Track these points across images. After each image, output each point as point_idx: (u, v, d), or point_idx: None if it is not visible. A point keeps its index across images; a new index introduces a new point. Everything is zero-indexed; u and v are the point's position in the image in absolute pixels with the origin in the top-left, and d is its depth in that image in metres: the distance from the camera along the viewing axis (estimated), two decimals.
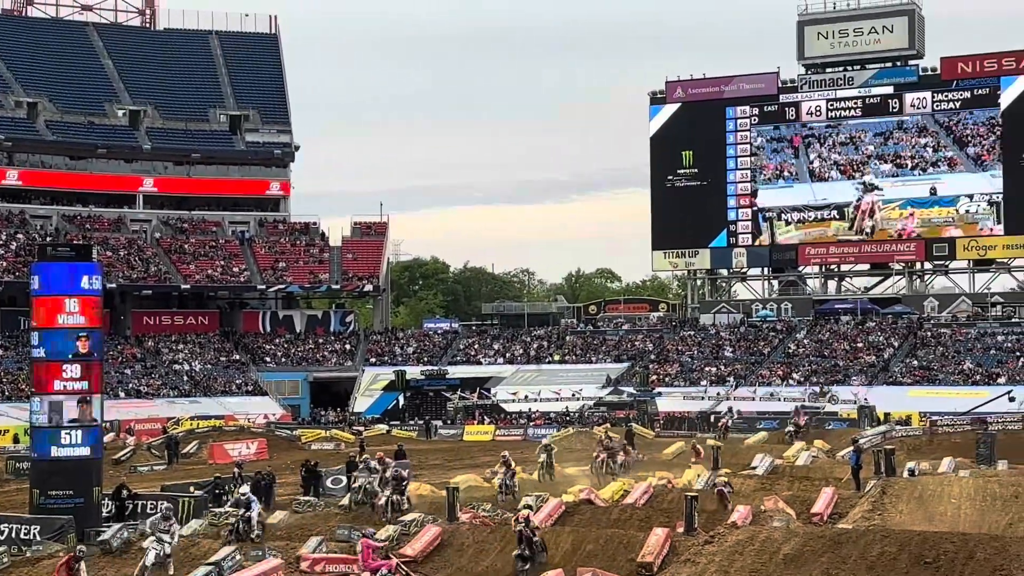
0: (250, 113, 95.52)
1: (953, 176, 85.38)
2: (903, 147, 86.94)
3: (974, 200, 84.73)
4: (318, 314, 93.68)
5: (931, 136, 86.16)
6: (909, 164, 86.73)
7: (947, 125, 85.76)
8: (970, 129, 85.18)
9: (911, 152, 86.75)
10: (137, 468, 50.33)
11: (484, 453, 54.82)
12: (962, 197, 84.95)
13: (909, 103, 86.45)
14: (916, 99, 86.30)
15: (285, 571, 25.19)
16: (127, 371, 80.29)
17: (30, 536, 29.28)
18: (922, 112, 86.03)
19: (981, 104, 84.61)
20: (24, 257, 79.41)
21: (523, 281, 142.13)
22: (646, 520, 29.26)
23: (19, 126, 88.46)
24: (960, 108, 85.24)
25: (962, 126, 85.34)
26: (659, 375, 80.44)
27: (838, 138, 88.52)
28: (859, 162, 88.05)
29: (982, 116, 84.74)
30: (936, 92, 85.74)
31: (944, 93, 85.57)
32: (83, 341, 30.49)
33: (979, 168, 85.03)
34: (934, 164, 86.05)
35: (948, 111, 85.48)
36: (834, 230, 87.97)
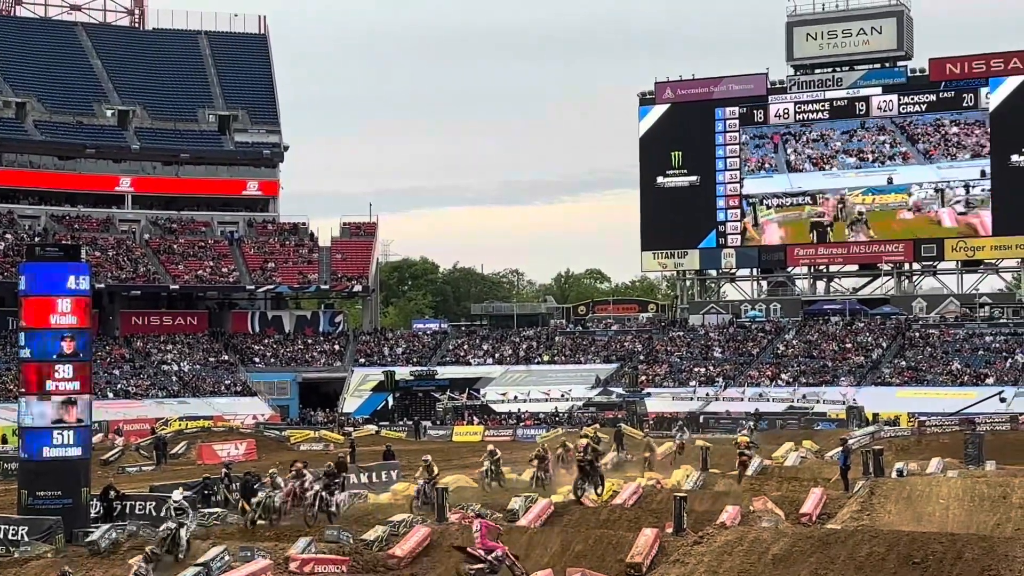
0: (239, 113, 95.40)
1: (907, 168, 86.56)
2: (867, 144, 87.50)
3: (923, 188, 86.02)
4: (307, 314, 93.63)
5: (892, 134, 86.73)
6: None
7: (905, 126, 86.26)
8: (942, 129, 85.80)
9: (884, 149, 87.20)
10: (126, 469, 50.22)
11: (473, 454, 54.70)
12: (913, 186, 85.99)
13: (897, 103, 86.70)
14: (900, 100, 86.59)
15: (274, 571, 25.12)
16: (116, 371, 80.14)
17: (18, 537, 29.15)
18: (890, 115, 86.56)
19: (967, 106, 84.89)
20: (12, 257, 79.19)
21: (512, 282, 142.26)
22: (635, 520, 29.27)
23: (7, 126, 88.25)
24: (944, 109, 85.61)
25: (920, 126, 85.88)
26: (648, 376, 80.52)
27: (815, 135, 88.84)
28: (828, 156, 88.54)
29: (971, 117, 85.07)
30: (923, 93, 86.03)
31: (932, 94, 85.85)
32: (70, 342, 30.41)
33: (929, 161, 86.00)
34: (891, 158, 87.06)
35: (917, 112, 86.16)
36: (807, 214, 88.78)
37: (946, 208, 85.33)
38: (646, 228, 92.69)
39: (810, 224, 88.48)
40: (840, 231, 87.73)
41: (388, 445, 51.48)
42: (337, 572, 25.15)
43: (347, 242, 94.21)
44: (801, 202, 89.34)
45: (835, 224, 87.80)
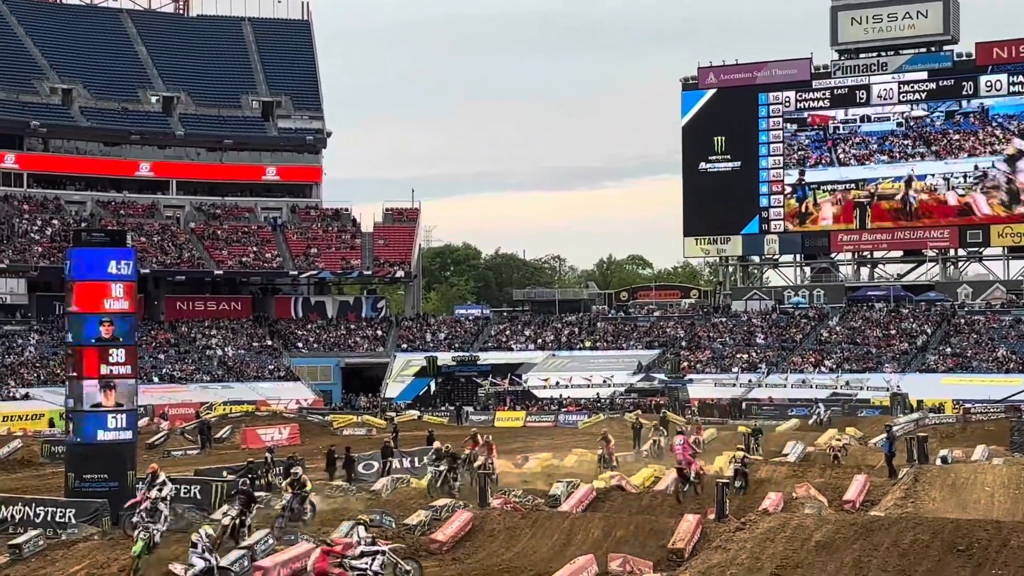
0: (282, 99, 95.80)
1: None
2: (912, 129, 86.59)
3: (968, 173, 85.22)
4: (350, 300, 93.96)
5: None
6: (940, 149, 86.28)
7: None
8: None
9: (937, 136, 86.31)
10: (171, 452, 50.64)
11: (515, 439, 54.92)
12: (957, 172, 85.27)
13: (940, 88, 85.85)
14: (946, 84, 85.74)
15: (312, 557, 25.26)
16: (161, 356, 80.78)
17: (65, 519, 29.53)
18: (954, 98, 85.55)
19: (1014, 91, 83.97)
20: (59, 243, 79.94)
21: (554, 267, 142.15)
22: (677, 507, 29.26)
23: (54, 112, 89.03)
24: (990, 93, 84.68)
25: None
26: (690, 362, 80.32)
27: (859, 120, 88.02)
28: (872, 141, 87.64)
29: (1019, 102, 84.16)
30: (970, 78, 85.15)
31: (978, 79, 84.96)
32: (108, 326, 30.61)
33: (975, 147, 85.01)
34: (935, 143, 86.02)
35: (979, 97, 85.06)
36: (854, 198, 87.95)
37: (992, 194, 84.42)
38: (688, 214, 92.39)
39: (856, 206, 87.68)
40: (885, 216, 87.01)
41: (430, 430, 51.61)
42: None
43: (389, 228, 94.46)
44: (849, 188, 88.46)
45: (881, 208, 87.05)
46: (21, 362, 74.81)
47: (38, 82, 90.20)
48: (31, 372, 73.49)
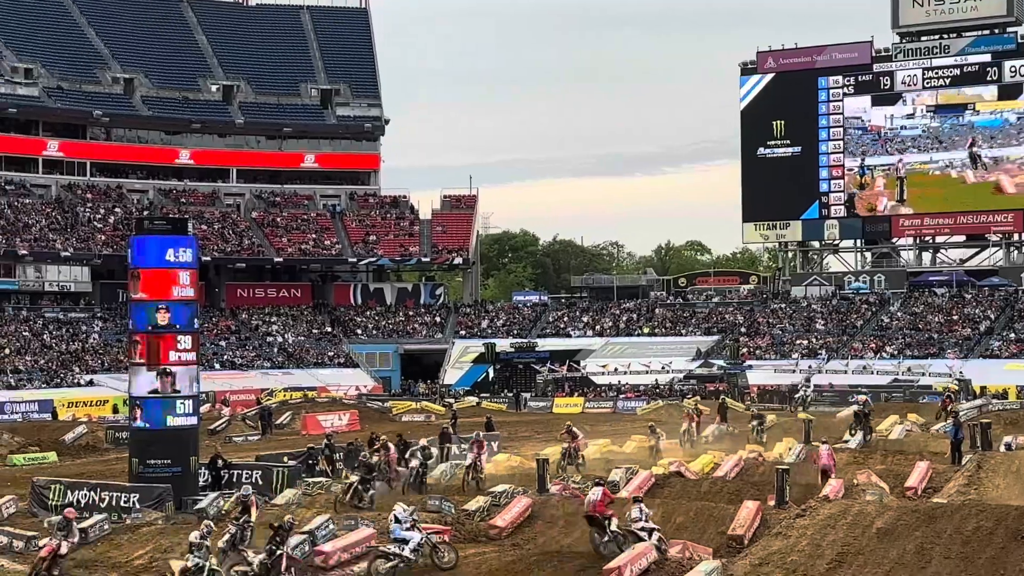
0: (341, 87, 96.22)
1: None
2: (977, 112, 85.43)
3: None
4: (408, 287, 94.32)
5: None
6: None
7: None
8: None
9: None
10: (232, 438, 51.14)
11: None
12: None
13: (1007, 71, 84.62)
14: (1014, 67, 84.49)
15: (377, 540, 25.44)
16: (222, 343, 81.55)
17: (130, 504, 29.93)
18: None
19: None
20: (122, 231, 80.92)
21: (612, 254, 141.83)
22: (736, 493, 29.15)
23: (116, 102, 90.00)
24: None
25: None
26: (749, 348, 79.89)
27: (922, 101, 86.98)
28: (936, 124, 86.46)
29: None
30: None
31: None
32: (164, 312, 30.93)
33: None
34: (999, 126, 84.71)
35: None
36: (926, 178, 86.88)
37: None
38: (747, 199, 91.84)
39: (917, 189, 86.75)
40: (947, 200, 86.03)
41: (489, 416, 51.77)
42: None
43: (447, 215, 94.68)
44: (910, 171, 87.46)
45: (943, 192, 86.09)
46: (85, 349, 75.79)
47: (100, 72, 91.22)
48: (95, 359, 74.45)
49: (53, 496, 31.13)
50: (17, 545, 26.71)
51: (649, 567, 21.95)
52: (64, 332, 77.66)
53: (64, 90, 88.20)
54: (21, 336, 75.28)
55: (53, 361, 73.05)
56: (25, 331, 76.19)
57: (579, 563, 22.75)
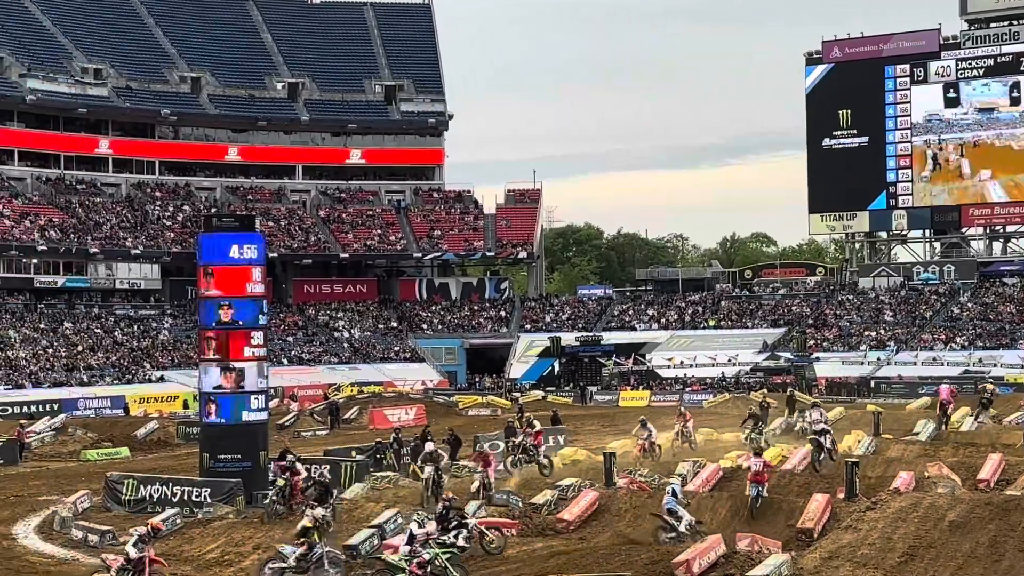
0: (404, 83, 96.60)
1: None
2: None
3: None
4: (473, 281, 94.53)
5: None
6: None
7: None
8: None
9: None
10: (301, 433, 51.53)
11: (640, 419, 54.74)
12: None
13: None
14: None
15: None
16: (289, 339, 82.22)
17: (201, 498, 30.27)
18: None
19: None
20: (191, 228, 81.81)
21: (677, 246, 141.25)
22: (805, 486, 28.95)
23: (184, 101, 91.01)
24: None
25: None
26: (817, 340, 79.30)
27: (990, 87, 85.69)
28: (1002, 107, 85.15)
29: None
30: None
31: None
32: (227, 309, 31.20)
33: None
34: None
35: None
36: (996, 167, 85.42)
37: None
38: (814, 190, 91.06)
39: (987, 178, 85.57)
40: (1016, 188, 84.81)
41: (555, 410, 51.75)
42: (507, 535, 25.48)
43: (511, 209, 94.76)
44: (980, 159, 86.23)
45: (1013, 182, 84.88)
46: (155, 345, 76.72)
47: (168, 71, 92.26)
48: (165, 355, 75.35)
49: (126, 491, 31.56)
50: (92, 539, 27.13)
51: (718, 560, 21.89)
52: (135, 329, 78.69)
53: (133, 90, 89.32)
54: (93, 333, 76.37)
55: (124, 358, 74.01)
56: (97, 328, 77.27)
57: (648, 556, 22.74)
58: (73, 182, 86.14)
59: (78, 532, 27.78)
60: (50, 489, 35.87)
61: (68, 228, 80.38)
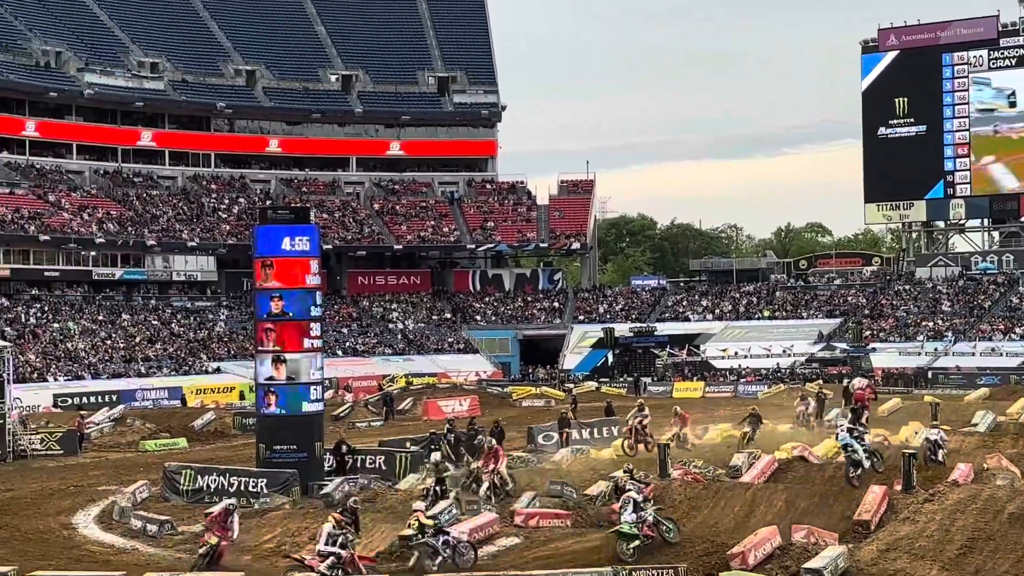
0: (457, 74, 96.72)
1: None
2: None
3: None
4: (526, 272, 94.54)
5: None
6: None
7: None
8: None
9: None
10: (356, 424, 51.77)
11: (694, 410, 54.53)
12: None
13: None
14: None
15: (500, 525, 25.63)
16: (344, 330, 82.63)
17: (257, 489, 30.48)
18: None
19: None
20: (245, 220, 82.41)
21: (731, 236, 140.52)
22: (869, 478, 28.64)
23: (238, 94, 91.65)
24: None
25: None
26: (873, 330, 78.66)
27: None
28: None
29: None
30: None
31: None
32: (278, 301, 31.37)
33: None
34: None
35: None
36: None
37: None
38: (870, 179, 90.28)
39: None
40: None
41: (608, 401, 51.69)
42: (560, 526, 25.48)
43: (565, 200, 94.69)
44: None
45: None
46: (212, 336, 77.38)
47: (223, 64, 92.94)
48: (221, 346, 75.98)
49: (184, 481, 31.84)
50: (151, 529, 27.40)
51: (773, 552, 21.78)
52: (191, 320, 79.39)
53: (188, 83, 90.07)
54: (151, 325, 77.12)
55: (181, 349, 74.71)
56: (154, 320, 78.03)
57: (703, 547, 22.67)
58: (130, 175, 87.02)
59: (137, 522, 28.06)
60: (109, 479, 36.29)
61: (125, 221, 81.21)
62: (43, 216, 77.33)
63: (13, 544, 26.43)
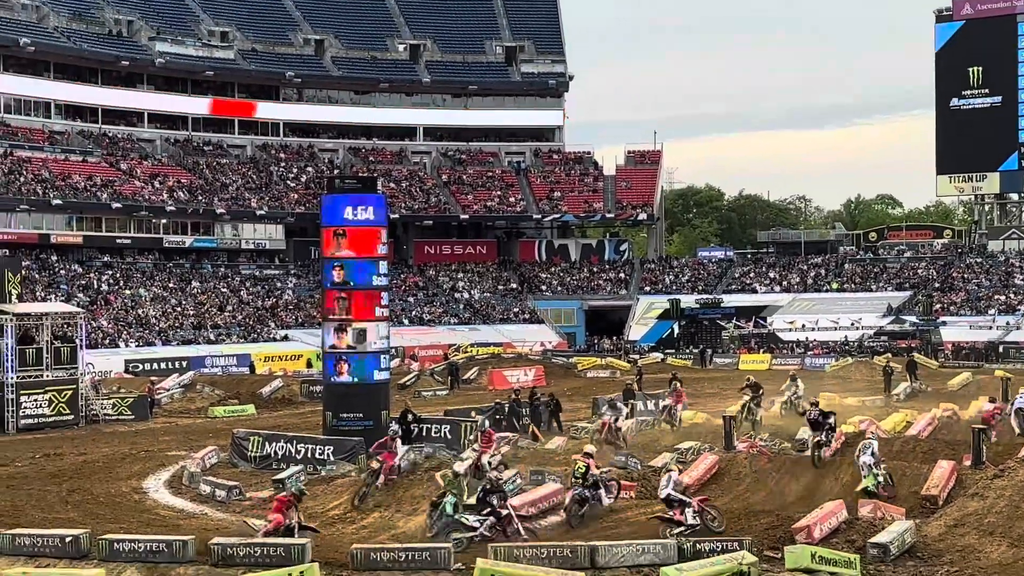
0: (525, 44, 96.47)
1: None
2: None
3: None
4: (592, 243, 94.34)
5: None
6: None
7: None
8: None
9: None
10: (421, 393, 52.03)
11: (760, 383, 54.25)
12: None
13: None
14: None
15: (564, 494, 25.66)
16: (410, 299, 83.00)
17: (324, 456, 30.79)
18: None
19: None
20: (313, 189, 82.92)
21: (800, 208, 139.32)
22: (930, 452, 28.44)
23: (307, 63, 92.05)
24: None
25: None
26: (943, 304, 77.72)
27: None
28: None
29: None
30: None
31: None
32: (339, 270, 31.54)
33: None
34: None
35: None
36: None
37: None
38: (942, 150, 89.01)
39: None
40: None
41: (675, 373, 51.52)
42: (625, 498, 25.48)
43: (632, 170, 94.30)
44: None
45: None
46: (280, 304, 78.04)
47: (292, 34, 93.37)
48: (289, 314, 76.61)
49: (252, 447, 32.21)
50: (219, 494, 27.76)
51: (839, 526, 21.67)
52: (260, 288, 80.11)
53: (258, 52, 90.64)
54: (220, 292, 77.93)
55: (250, 317, 75.44)
56: (223, 287, 78.83)
57: (767, 521, 22.58)
58: (200, 143, 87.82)
59: (206, 487, 28.45)
60: (179, 445, 36.82)
61: (195, 189, 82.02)
62: (115, 184, 78.31)
63: (85, 507, 26.92)
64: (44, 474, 31.31)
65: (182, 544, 21.12)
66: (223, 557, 20.62)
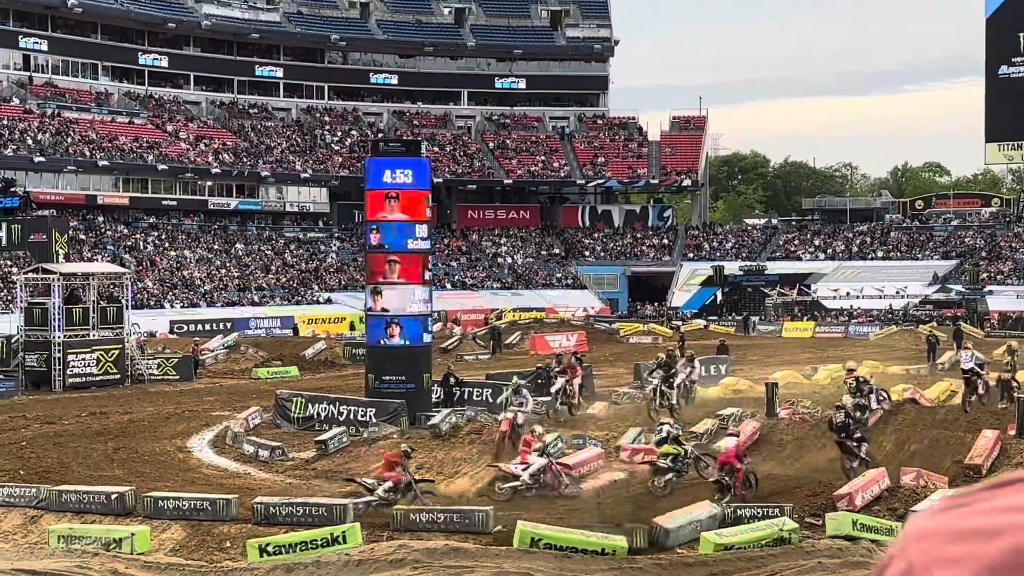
0: (570, 8, 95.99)
1: None
2: None
3: None
4: (636, 209, 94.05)
5: None
6: None
7: None
8: None
9: None
10: (463, 357, 52.16)
11: (803, 350, 54.11)
12: None
13: None
14: None
15: (605, 460, 25.74)
16: (453, 263, 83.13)
17: (367, 418, 30.97)
18: None
19: None
20: (358, 153, 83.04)
21: (845, 175, 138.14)
22: (974, 422, 28.25)
23: (352, 26, 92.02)
24: None
25: None
26: (990, 273, 76.98)
27: None
28: None
29: None
30: None
31: None
32: (376, 233, 31.62)
33: None
34: None
35: None
36: None
37: None
38: (991, 118, 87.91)
39: None
40: None
41: (722, 339, 51.39)
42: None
43: (676, 136, 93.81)
44: None
45: None
46: (323, 267, 78.38)
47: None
48: (333, 277, 76.94)
49: (295, 409, 32.44)
50: (263, 455, 28.01)
51: (881, 494, 21.59)
52: (304, 251, 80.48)
53: (303, 15, 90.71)
54: (264, 255, 78.35)
55: (294, 279, 75.83)
56: (268, 250, 79.25)
57: (809, 488, 22.55)
58: (245, 106, 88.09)
59: (249, 447, 28.71)
60: (223, 405, 37.14)
61: (240, 151, 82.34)
62: (161, 146, 78.76)
63: (130, 465, 27.23)
64: (90, 432, 31.67)
65: (225, 503, 21.37)
66: (265, 516, 20.85)
